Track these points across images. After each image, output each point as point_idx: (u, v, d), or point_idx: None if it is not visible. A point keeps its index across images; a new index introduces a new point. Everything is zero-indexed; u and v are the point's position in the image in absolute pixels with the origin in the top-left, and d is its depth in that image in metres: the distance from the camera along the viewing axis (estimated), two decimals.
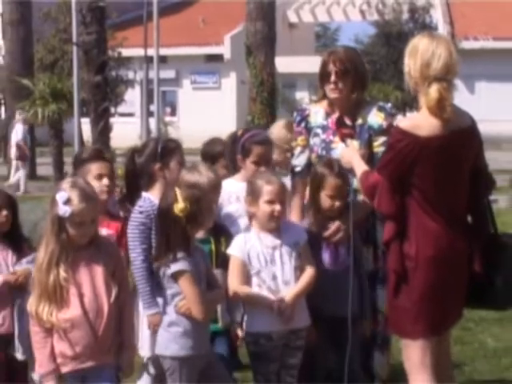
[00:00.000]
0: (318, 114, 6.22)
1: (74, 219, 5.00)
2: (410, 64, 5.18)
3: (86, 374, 5.17)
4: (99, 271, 5.14)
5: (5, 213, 5.95)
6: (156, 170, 6.06)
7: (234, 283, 5.71)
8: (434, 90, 5.04)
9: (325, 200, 5.87)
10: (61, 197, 5.00)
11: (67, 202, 4.99)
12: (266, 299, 5.64)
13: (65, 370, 5.12)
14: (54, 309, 5.02)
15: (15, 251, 5.99)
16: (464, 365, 7.44)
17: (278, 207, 5.69)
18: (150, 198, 5.96)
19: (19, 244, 6.03)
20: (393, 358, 6.36)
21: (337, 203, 5.85)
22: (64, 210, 4.98)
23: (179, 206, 5.31)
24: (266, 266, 5.71)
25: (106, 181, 6.14)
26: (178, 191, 5.37)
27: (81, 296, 5.07)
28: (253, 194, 5.74)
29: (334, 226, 5.87)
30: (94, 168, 6.13)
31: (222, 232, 5.97)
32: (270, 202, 5.68)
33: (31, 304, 5.08)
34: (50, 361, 5.09)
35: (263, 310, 5.67)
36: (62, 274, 5.02)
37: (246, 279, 5.70)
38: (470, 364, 7.75)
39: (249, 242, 5.74)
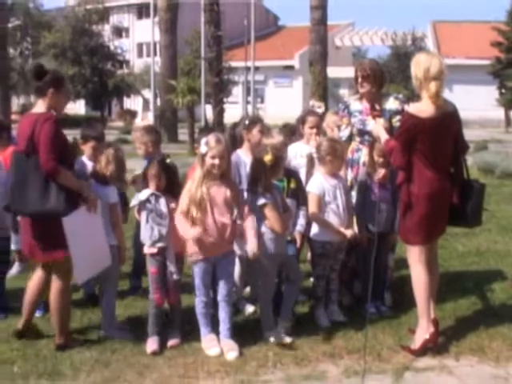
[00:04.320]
0: (354, 103, 6.18)
1: (209, 154, 5.03)
2: (416, 71, 5.00)
3: (216, 259, 5.15)
4: (226, 197, 5.09)
5: (155, 180, 5.30)
6: (244, 134, 5.96)
7: (314, 212, 5.65)
8: (433, 86, 4.89)
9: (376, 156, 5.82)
10: (203, 141, 5.09)
11: (206, 143, 5.04)
12: (333, 226, 5.64)
13: (200, 255, 5.12)
14: (198, 213, 5.02)
15: (170, 198, 5.38)
16: (444, 261, 7.31)
17: (342, 160, 5.75)
18: (239, 153, 5.87)
19: (173, 194, 5.37)
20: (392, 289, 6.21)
21: (381, 159, 5.75)
22: (203, 148, 5.05)
23: (268, 157, 5.24)
24: (335, 199, 5.65)
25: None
26: (269, 148, 5.29)
27: (212, 209, 5.05)
28: (333, 152, 5.63)
29: (382, 171, 5.78)
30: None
31: (292, 175, 5.82)
32: (342, 157, 5.71)
33: (183, 208, 5.06)
34: (194, 245, 5.08)
35: (328, 228, 5.66)
36: (204, 190, 5.03)
37: (321, 208, 5.65)
38: (448, 261, 7.64)
39: (323, 182, 5.68)
